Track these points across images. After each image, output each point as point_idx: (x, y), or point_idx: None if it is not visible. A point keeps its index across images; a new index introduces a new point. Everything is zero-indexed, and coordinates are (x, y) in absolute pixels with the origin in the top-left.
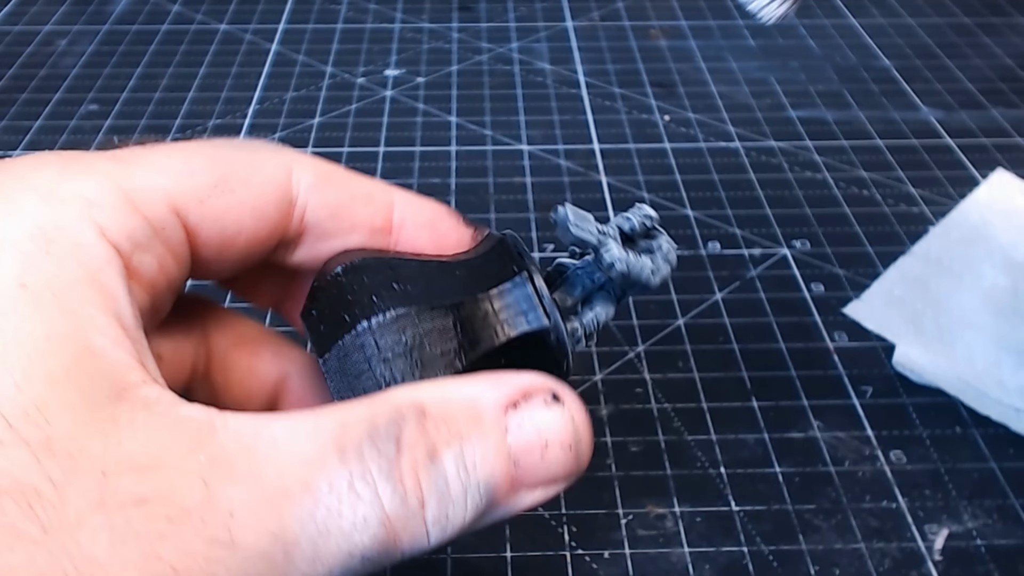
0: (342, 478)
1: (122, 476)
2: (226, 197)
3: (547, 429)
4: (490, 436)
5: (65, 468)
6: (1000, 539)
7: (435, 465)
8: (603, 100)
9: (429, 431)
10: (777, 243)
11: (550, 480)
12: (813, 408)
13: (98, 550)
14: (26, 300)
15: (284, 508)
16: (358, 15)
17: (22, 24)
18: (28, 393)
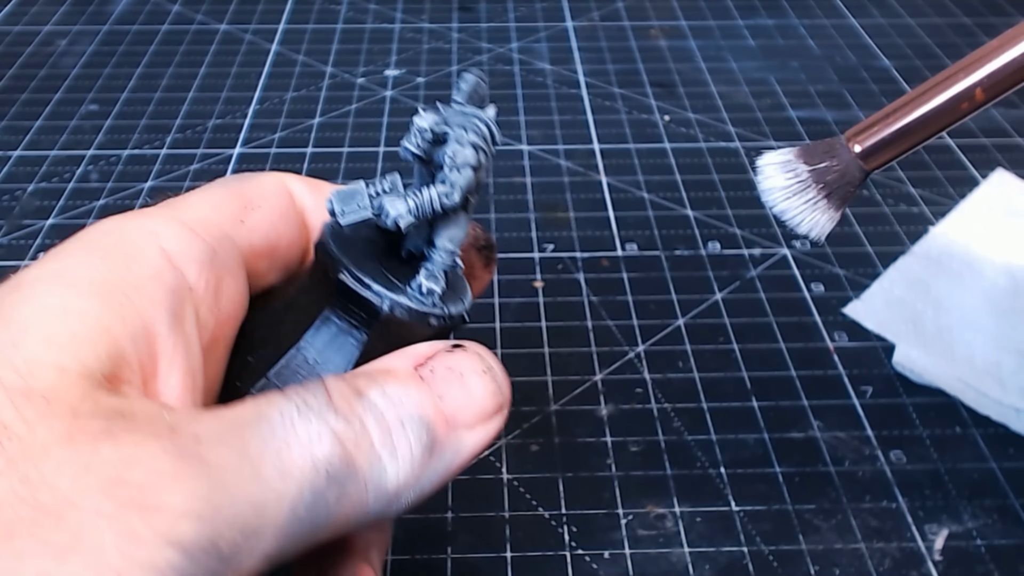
0: (289, 408)
1: (93, 419)
2: (258, 213)
3: (456, 363)
4: (405, 381)
5: (39, 410)
6: (1000, 539)
7: (363, 398)
8: (603, 100)
9: (348, 379)
10: (777, 243)
11: (481, 412)
12: (813, 408)
13: (61, 479)
14: (59, 284)
15: (244, 432)
16: (358, 15)
17: (22, 24)
18: (23, 350)
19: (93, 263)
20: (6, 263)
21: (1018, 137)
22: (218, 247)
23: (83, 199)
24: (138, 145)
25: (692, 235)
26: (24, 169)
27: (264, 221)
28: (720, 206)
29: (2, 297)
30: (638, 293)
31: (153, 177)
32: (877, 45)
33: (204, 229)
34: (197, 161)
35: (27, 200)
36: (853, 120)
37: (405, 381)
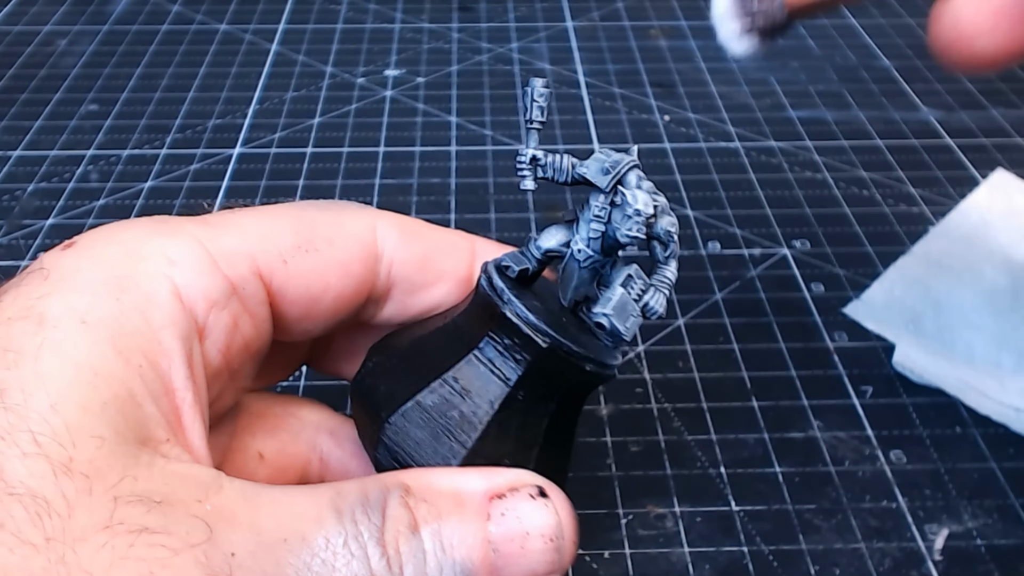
0: (338, 535)
1: (132, 506)
2: (311, 257)
3: (529, 520)
4: (470, 521)
5: (79, 488)
6: (1000, 539)
7: (415, 537)
8: (603, 100)
9: (411, 506)
10: (777, 243)
11: (530, 573)
12: (813, 408)
13: (96, 566)
14: (83, 335)
15: (282, 556)
16: (358, 15)
17: (22, 24)
18: (61, 415)
19: (108, 306)
20: (6, 263)
21: (1018, 137)
22: (240, 284)
23: (83, 199)
24: (138, 145)
25: (692, 235)
26: (24, 169)
27: (312, 269)
28: (720, 206)
29: (24, 336)
30: None
31: (153, 177)
32: (877, 45)
33: (230, 264)
34: (197, 161)
35: (27, 200)
36: (853, 120)
37: (468, 519)
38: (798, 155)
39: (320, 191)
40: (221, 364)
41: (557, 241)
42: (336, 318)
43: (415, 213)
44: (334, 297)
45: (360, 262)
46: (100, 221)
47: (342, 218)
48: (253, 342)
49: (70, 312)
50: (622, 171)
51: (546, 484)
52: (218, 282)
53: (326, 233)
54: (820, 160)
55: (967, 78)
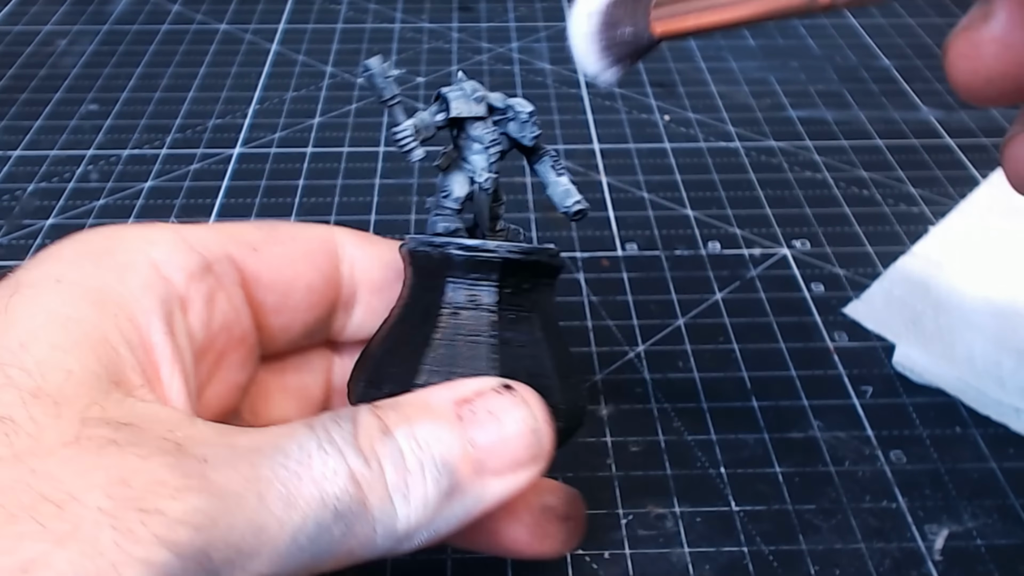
0: (311, 439)
1: (99, 427)
2: (278, 247)
3: (499, 409)
4: (440, 420)
5: (47, 411)
6: (1000, 539)
7: (388, 438)
8: (603, 100)
9: (380, 416)
10: (777, 243)
11: (514, 462)
12: (813, 408)
13: (65, 474)
14: (58, 290)
15: (256, 459)
16: (358, 15)
17: (22, 24)
18: (31, 352)
19: (87, 269)
20: (6, 263)
21: None
22: (214, 262)
23: (83, 199)
24: (138, 145)
25: (692, 235)
26: (24, 169)
27: (281, 256)
28: (720, 206)
29: (3, 299)
30: (638, 293)
31: (153, 177)
32: (877, 45)
33: (204, 247)
34: (197, 161)
35: (27, 200)
36: (853, 120)
37: (438, 420)
38: (798, 155)
39: (320, 191)
40: (205, 339)
41: (466, 186)
42: (312, 313)
43: (415, 213)
44: (306, 286)
45: (323, 255)
46: (100, 221)
47: (299, 224)
48: (234, 325)
49: (44, 275)
50: (485, 94)
51: (510, 381)
52: (194, 258)
53: (289, 232)
54: (820, 160)
55: None
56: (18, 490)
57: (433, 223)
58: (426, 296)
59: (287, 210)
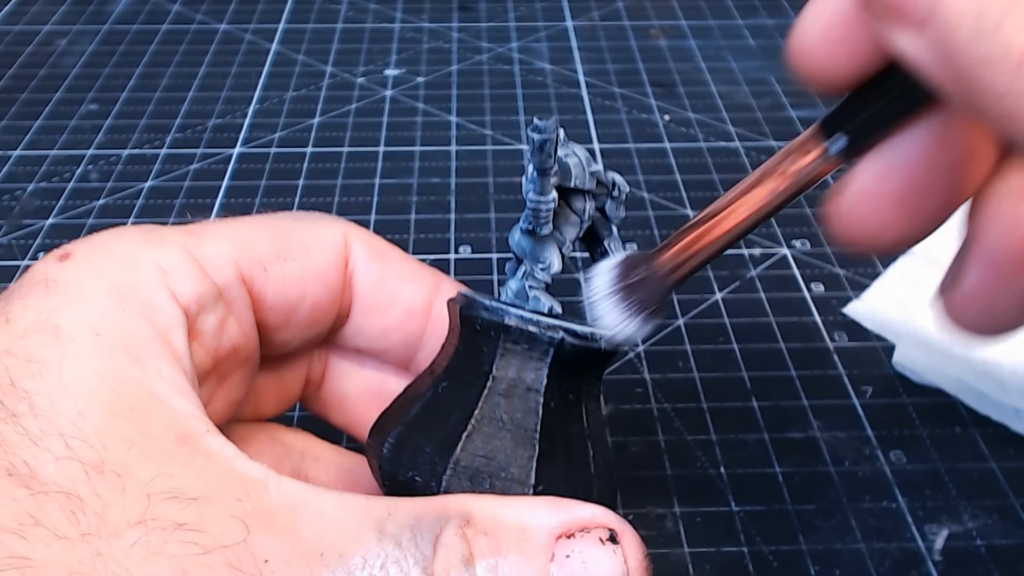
0: (376, 557)
1: (166, 503)
2: (289, 265)
3: (595, 566)
4: (532, 559)
5: (112, 486)
6: (1000, 539)
7: (468, 570)
8: (603, 100)
9: (469, 538)
10: (777, 243)
11: None
12: (813, 408)
13: (129, 560)
14: (100, 346)
15: (316, 568)
16: (358, 15)
17: (22, 24)
18: (90, 420)
19: (116, 317)
20: (6, 263)
21: None
22: (226, 289)
23: (83, 199)
24: (138, 145)
25: None
26: (24, 169)
27: (290, 276)
28: None
29: (43, 348)
30: None
31: (153, 177)
32: None
33: (216, 269)
34: (197, 161)
35: (27, 200)
36: None
37: (529, 557)
38: None
39: (320, 191)
40: (209, 365)
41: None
42: (313, 329)
43: (415, 213)
44: (311, 305)
45: (335, 270)
46: (100, 221)
47: (316, 228)
48: (241, 348)
49: (82, 325)
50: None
51: (620, 527)
52: (206, 286)
53: (303, 241)
54: None
55: None
56: (85, 573)
57: (535, 300)
58: (470, 362)
59: (287, 210)
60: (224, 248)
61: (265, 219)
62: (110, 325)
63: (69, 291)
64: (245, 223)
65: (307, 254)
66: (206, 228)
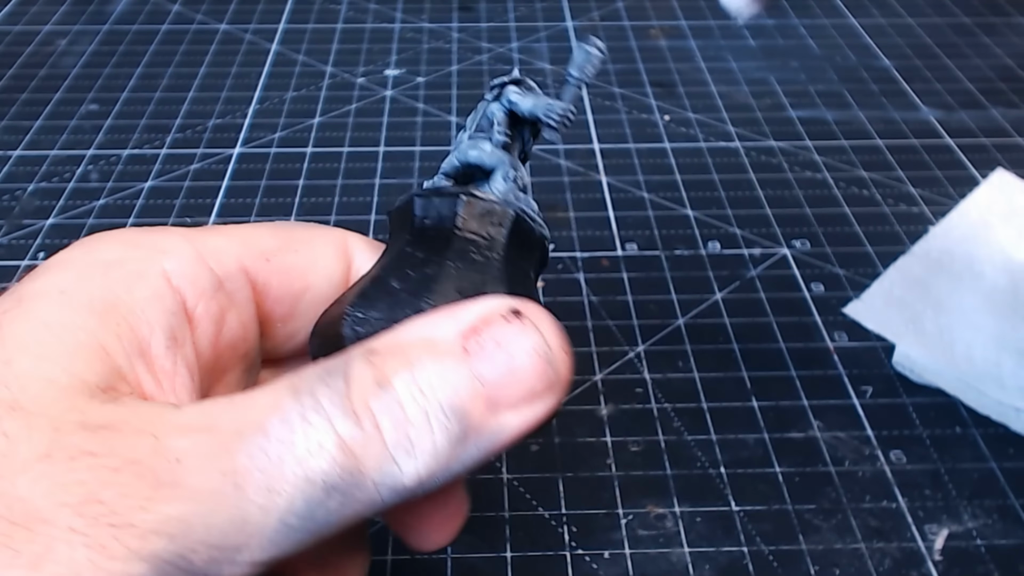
0: (293, 411)
1: (73, 434)
2: (291, 256)
3: (508, 340)
4: (445, 358)
5: (20, 424)
6: (1000, 539)
7: (384, 391)
8: (603, 100)
9: (376, 364)
10: (777, 243)
11: (529, 394)
12: (813, 408)
13: (35, 494)
14: (60, 301)
15: (234, 446)
16: (358, 15)
17: (22, 24)
18: (14, 366)
19: (94, 280)
20: (6, 263)
21: (1018, 137)
22: (226, 278)
23: (83, 199)
24: (138, 145)
25: (692, 235)
26: (24, 169)
27: (293, 266)
28: (720, 206)
29: (4, 312)
30: (638, 293)
31: (153, 177)
32: (877, 45)
33: (216, 259)
34: (197, 161)
35: (27, 200)
36: (853, 120)
37: (443, 359)
38: (798, 155)
39: (320, 191)
40: (211, 357)
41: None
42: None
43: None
44: (315, 297)
45: (336, 263)
46: (100, 221)
47: (315, 228)
48: (240, 343)
49: (51, 286)
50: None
51: (517, 303)
52: (206, 273)
53: (304, 237)
54: (820, 160)
55: (967, 78)
56: None
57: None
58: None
59: (287, 210)
60: (226, 242)
61: (268, 224)
62: (83, 285)
63: (52, 264)
64: (247, 225)
65: (310, 247)
66: (208, 227)
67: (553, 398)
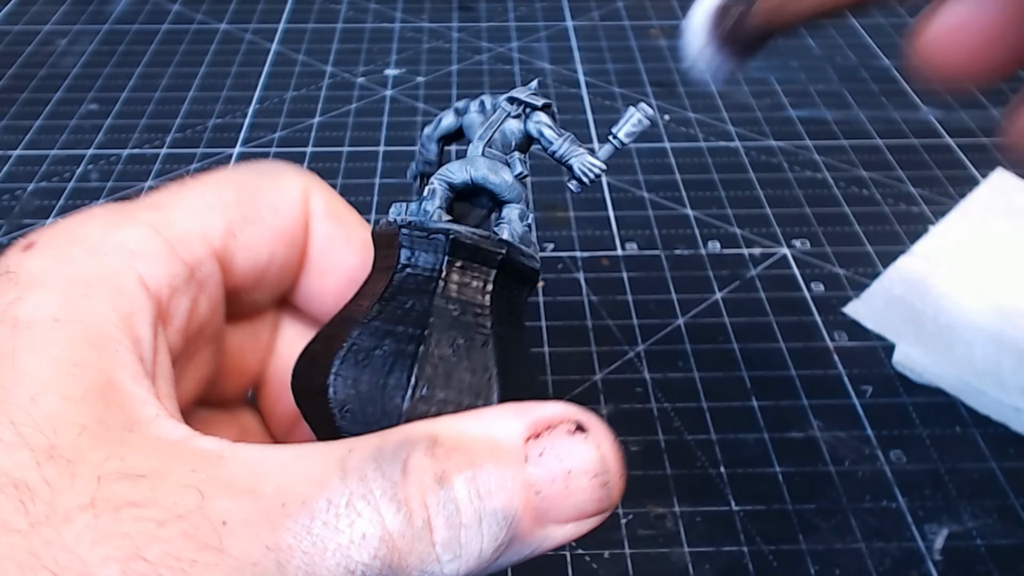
0: (341, 496)
1: (117, 483)
2: (258, 227)
3: (570, 458)
4: (507, 464)
5: (62, 472)
6: (1000, 539)
7: (444, 489)
8: (603, 100)
9: (440, 457)
10: (777, 243)
11: (579, 513)
12: (813, 408)
13: (81, 546)
14: (58, 332)
15: (279, 521)
16: (358, 15)
17: (22, 24)
18: (42, 406)
19: (79, 304)
20: None
21: None
22: (197, 265)
23: (83, 199)
24: (138, 145)
25: (692, 235)
26: (24, 169)
27: (260, 238)
28: (720, 206)
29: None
30: (638, 293)
31: (153, 177)
32: (877, 45)
33: (187, 247)
34: (197, 160)
35: (27, 200)
36: (853, 120)
37: (505, 465)
38: (798, 155)
39: None
40: (181, 346)
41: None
42: (280, 288)
43: None
44: (280, 265)
45: (300, 227)
46: None
47: (281, 182)
48: (208, 325)
49: (41, 313)
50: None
51: (584, 417)
52: (176, 267)
53: (269, 200)
54: (820, 160)
55: None
56: (35, 565)
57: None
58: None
59: None
60: (193, 223)
61: (229, 177)
62: (71, 311)
63: (31, 281)
64: (211, 186)
65: (275, 214)
66: (173, 199)
67: (600, 518)
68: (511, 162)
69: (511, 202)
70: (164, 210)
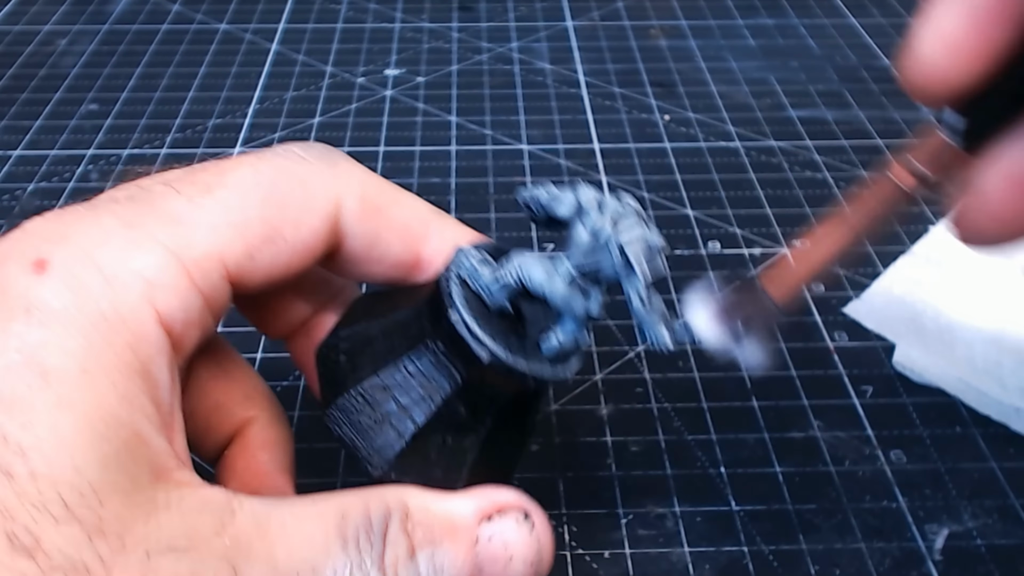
0: (344, 565)
1: (162, 557)
2: (276, 247)
3: (513, 545)
4: (460, 544)
5: (113, 548)
6: (1000, 539)
7: (412, 562)
8: (603, 100)
9: (409, 532)
10: (777, 243)
11: None
12: (813, 408)
13: None
14: (88, 386)
15: None
16: (358, 15)
17: (22, 24)
18: (85, 475)
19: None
20: None
21: None
22: (211, 294)
23: (83, 199)
24: (138, 145)
25: (692, 235)
26: (24, 169)
27: (277, 259)
28: (720, 206)
29: (30, 391)
30: None
31: None
32: (877, 45)
33: (203, 274)
34: (197, 161)
35: (27, 200)
36: (853, 120)
37: (458, 547)
38: (798, 155)
39: None
40: (182, 365)
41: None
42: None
43: None
44: (293, 275)
45: (323, 242)
46: None
47: (311, 190)
48: (209, 342)
49: (69, 362)
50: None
51: (531, 507)
52: (193, 299)
53: (294, 214)
54: (820, 160)
55: None
56: None
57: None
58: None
59: None
60: (212, 245)
61: (261, 179)
62: (97, 362)
63: (51, 319)
64: (236, 194)
65: (296, 230)
66: (195, 210)
67: None
68: (590, 298)
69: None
70: (184, 226)
